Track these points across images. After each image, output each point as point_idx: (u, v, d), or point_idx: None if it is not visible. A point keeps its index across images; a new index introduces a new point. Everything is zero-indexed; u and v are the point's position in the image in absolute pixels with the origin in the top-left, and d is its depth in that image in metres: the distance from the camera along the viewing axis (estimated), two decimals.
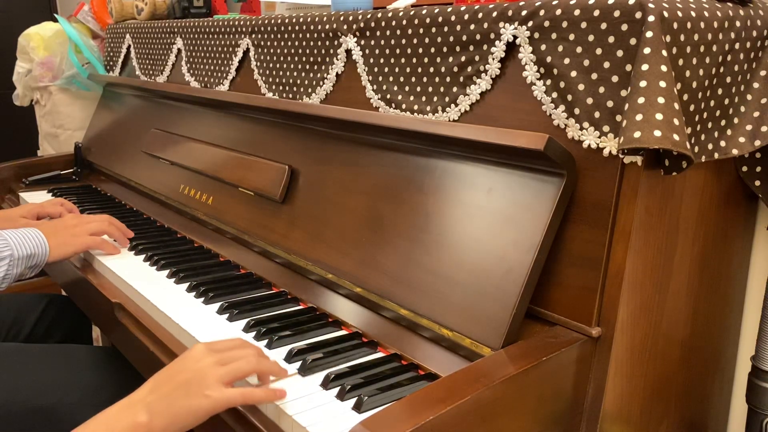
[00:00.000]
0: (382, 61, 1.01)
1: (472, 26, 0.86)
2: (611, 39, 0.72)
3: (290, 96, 1.20)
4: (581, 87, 0.75)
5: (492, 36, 0.84)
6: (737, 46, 0.78)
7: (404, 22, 0.96)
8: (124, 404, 0.69)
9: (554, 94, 0.78)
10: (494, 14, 0.84)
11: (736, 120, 0.81)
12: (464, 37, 0.88)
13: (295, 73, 1.18)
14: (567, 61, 0.76)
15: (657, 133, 0.66)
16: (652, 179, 0.74)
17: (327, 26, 1.09)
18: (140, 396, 0.69)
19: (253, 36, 1.27)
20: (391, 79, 1.00)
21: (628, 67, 0.71)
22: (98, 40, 2.04)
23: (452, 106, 0.90)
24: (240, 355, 0.72)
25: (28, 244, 1.07)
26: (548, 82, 0.79)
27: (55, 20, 2.03)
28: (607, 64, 0.73)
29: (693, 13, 0.72)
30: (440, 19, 0.90)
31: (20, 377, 1.05)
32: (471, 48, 0.87)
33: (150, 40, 1.68)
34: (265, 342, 0.86)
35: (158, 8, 1.79)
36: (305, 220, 1.05)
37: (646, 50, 0.68)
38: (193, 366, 0.70)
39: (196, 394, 0.68)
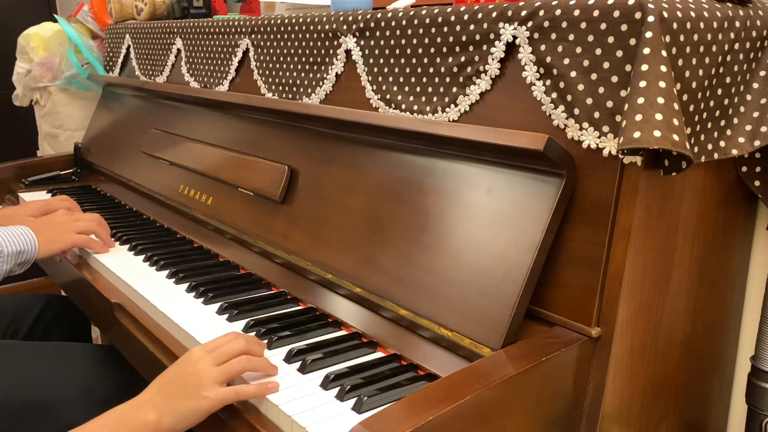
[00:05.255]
0: (381, 61, 1.01)
1: (472, 26, 0.86)
2: (611, 39, 0.72)
3: (290, 96, 1.20)
4: (581, 87, 0.75)
5: (492, 36, 0.84)
6: (737, 46, 0.78)
7: (404, 22, 0.96)
8: (134, 404, 0.75)
9: (554, 95, 0.78)
10: (494, 14, 0.84)
11: (735, 120, 0.80)
12: (464, 38, 0.88)
13: (294, 74, 1.18)
14: (566, 61, 0.76)
15: (657, 133, 0.66)
16: (652, 179, 0.74)
17: (327, 26, 1.09)
18: (148, 397, 0.75)
19: (253, 36, 1.27)
20: (390, 79, 1.00)
21: (628, 68, 0.71)
22: (98, 40, 2.04)
23: (452, 106, 0.90)
24: (232, 349, 0.77)
25: (18, 241, 1.08)
26: (548, 82, 0.79)
27: (55, 20, 2.02)
28: (606, 65, 0.73)
29: (693, 14, 0.72)
30: (440, 19, 0.90)
31: (19, 372, 1.05)
32: (471, 48, 0.87)
33: (149, 41, 1.68)
34: (264, 342, 0.86)
35: (158, 8, 1.79)
36: (305, 220, 1.05)
37: (646, 50, 0.68)
38: (191, 369, 0.76)
39: (195, 396, 0.74)
